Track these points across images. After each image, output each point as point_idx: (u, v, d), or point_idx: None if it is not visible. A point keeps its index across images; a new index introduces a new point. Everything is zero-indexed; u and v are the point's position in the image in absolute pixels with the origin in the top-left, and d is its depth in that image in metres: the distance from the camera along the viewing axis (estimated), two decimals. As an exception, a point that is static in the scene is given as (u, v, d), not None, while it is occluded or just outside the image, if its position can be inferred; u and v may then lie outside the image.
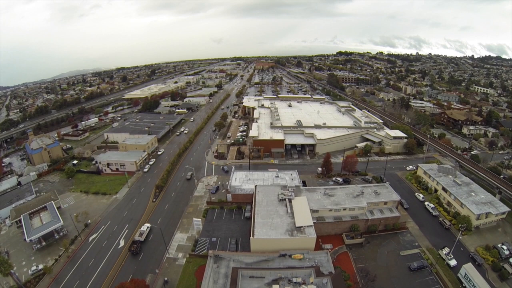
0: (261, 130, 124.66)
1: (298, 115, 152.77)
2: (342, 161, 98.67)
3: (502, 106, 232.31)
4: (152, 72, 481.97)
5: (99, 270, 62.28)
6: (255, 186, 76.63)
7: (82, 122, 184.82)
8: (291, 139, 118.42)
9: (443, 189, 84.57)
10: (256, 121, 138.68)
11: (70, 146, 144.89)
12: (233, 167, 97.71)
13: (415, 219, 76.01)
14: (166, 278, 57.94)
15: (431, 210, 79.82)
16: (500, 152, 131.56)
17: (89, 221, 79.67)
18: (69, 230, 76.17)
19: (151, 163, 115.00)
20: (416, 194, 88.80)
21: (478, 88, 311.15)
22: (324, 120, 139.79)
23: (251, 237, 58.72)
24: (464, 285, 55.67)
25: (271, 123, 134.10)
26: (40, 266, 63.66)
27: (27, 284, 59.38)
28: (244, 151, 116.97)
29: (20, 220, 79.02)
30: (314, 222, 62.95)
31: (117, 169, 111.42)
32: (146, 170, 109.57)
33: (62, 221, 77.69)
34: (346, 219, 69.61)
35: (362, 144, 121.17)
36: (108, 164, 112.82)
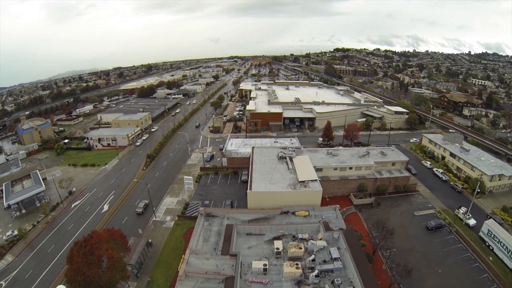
0: (258, 106, 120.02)
1: (296, 95, 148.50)
2: (344, 131, 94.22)
3: (500, 95, 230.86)
4: (149, 69, 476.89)
5: (77, 234, 56.57)
6: (253, 147, 71.74)
7: (77, 110, 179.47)
8: (290, 113, 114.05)
9: (451, 155, 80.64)
10: (254, 100, 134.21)
11: (62, 129, 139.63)
12: (228, 135, 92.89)
13: (425, 184, 71.35)
14: (149, 240, 52.22)
15: (440, 175, 75.45)
16: (502, 131, 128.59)
17: (74, 189, 74.24)
18: (52, 199, 70.74)
19: (144, 138, 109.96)
20: (422, 162, 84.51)
21: (476, 81, 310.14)
22: (323, 99, 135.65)
23: (248, 191, 53.02)
24: (487, 243, 50.85)
25: (269, 100, 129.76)
26: (16, 232, 58.34)
27: (0, 250, 53.94)
28: (240, 126, 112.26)
29: (2, 190, 73.72)
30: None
31: (108, 144, 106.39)
32: (138, 144, 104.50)
33: (44, 186, 72.45)
34: (353, 178, 64.40)
35: (363, 120, 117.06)
36: (99, 140, 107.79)
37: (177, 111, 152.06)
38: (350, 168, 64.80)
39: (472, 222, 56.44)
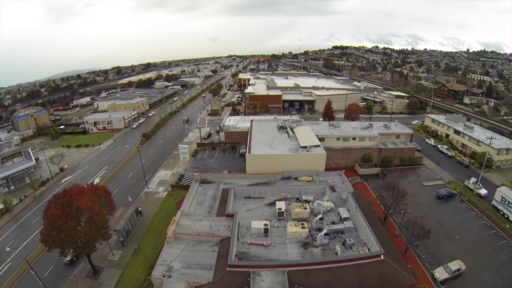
0: (257, 90, 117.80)
1: (296, 83, 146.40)
2: (345, 110, 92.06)
3: (500, 89, 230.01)
4: (147, 66, 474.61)
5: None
6: (252, 120, 69.42)
7: (74, 101, 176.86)
8: (289, 97, 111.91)
9: (455, 132, 78.71)
10: (253, 86, 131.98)
11: (59, 117, 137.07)
12: (227, 113, 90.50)
13: (430, 159, 68.94)
14: (139, 208, 49.18)
15: (445, 151, 73.21)
16: (504, 118, 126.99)
17: (66, 166, 71.52)
18: (43, 176, 67.85)
19: (140, 121, 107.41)
20: (426, 140, 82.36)
21: (475, 76, 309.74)
22: (323, 86, 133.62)
23: (246, 154, 50.40)
24: (501, 212, 48.30)
25: (268, 86, 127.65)
26: (1, 205, 55.57)
27: (-16, 223, 51.07)
28: (239, 110, 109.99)
29: (-7, 169, 70.90)
30: (320, 150, 54.64)
31: (104, 127, 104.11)
32: (134, 126, 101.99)
33: (34, 161, 69.84)
34: (357, 148, 61.70)
35: (364, 104, 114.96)
36: (95, 123, 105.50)
37: (175, 99, 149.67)
38: (354, 138, 62.31)
39: (483, 191, 53.99)
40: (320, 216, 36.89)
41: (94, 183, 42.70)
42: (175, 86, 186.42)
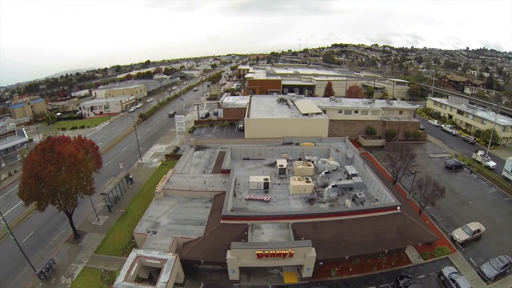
0: (257, 77, 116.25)
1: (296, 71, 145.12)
2: (346, 92, 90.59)
3: (500, 84, 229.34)
4: (147, 63, 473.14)
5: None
6: (250, 96, 67.83)
7: (72, 93, 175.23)
8: (289, 82, 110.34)
9: (459, 112, 77.57)
10: (252, 74, 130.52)
11: (56, 106, 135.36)
12: (225, 92, 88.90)
13: (435, 136, 67.34)
14: (130, 176, 46.97)
15: (449, 130, 71.72)
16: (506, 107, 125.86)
17: (61, 143, 69.77)
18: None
19: (138, 106, 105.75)
20: (429, 121, 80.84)
21: (474, 72, 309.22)
22: (323, 73, 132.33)
23: (245, 118, 48.56)
24: None
25: (267, 73, 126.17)
26: None
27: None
28: (238, 94, 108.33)
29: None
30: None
31: (101, 112, 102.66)
32: (132, 110, 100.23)
33: (27, 138, 68.17)
34: (360, 120, 59.94)
35: (365, 90, 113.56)
36: (91, 108, 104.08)
37: (174, 88, 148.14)
38: (356, 112, 60.67)
39: (492, 164, 52.16)
40: (326, 170, 34.67)
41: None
42: (174, 78, 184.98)
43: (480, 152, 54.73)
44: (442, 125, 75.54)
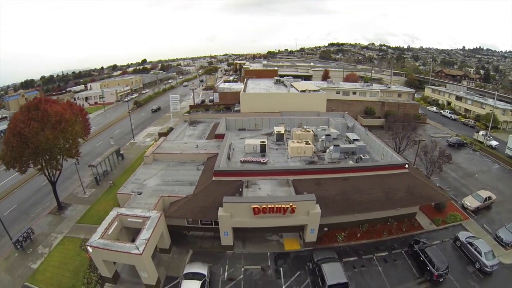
0: (253, 68, 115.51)
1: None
2: (343, 80, 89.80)
3: (497, 79, 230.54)
4: (143, 61, 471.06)
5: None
6: (246, 79, 66.75)
7: (67, 89, 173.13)
8: (285, 72, 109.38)
9: (457, 98, 77.44)
10: (249, 66, 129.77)
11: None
12: (222, 77, 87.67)
13: (435, 121, 66.77)
14: (121, 151, 45.82)
15: (449, 115, 71.33)
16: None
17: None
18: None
19: (133, 96, 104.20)
20: (428, 108, 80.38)
21: (471, 70, 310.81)
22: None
23: (241, 93, 47.52)
24: None
25: (263, 65, 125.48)
26: None
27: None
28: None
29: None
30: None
31: (95, 102, 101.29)
32: (127, 100, 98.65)
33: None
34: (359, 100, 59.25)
35: (362, 81, 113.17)
36: (86, 99, 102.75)
37: (170, 81, 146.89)
38: (354, 93, 59.93)
39: (494, 143, 51.47)
40: (327, 133, 33.34)
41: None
42: (170, 73, 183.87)
43: (481, 132, 54.23)
44: (441, 111, 75.17)
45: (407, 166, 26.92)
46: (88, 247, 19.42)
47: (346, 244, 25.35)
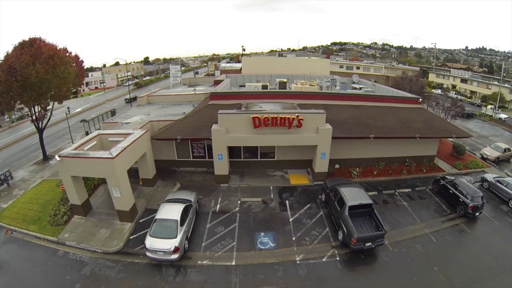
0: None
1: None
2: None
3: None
4: (146, 59, 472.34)
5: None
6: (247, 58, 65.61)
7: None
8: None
9: (463, 81, 76.44)
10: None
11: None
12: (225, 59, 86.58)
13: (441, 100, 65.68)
14: (116, 113, 44.63)
15: (454, 96, 70.15)
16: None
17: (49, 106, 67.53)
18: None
19: (135, 81, 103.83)
20: (432, 91, 79.02)
21: (475, 68, 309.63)
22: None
23: (243, 58, 47.17)
24: None
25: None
26: None
27: None
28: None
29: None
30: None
31: (96, 87, 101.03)
32: (127, 84, 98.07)
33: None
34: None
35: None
36: (86, 84, 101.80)
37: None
38: (358, 68, 58.84)
39: (503, 116, 50.80)
40: (332, 77, 32.26)
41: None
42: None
43: (490, 106, 53.21)
44: (446, 93, 73.91)
45: (420, 100, 25.56)
46: (57, 156, 17.07)
47: (362, 180, 23.21)
